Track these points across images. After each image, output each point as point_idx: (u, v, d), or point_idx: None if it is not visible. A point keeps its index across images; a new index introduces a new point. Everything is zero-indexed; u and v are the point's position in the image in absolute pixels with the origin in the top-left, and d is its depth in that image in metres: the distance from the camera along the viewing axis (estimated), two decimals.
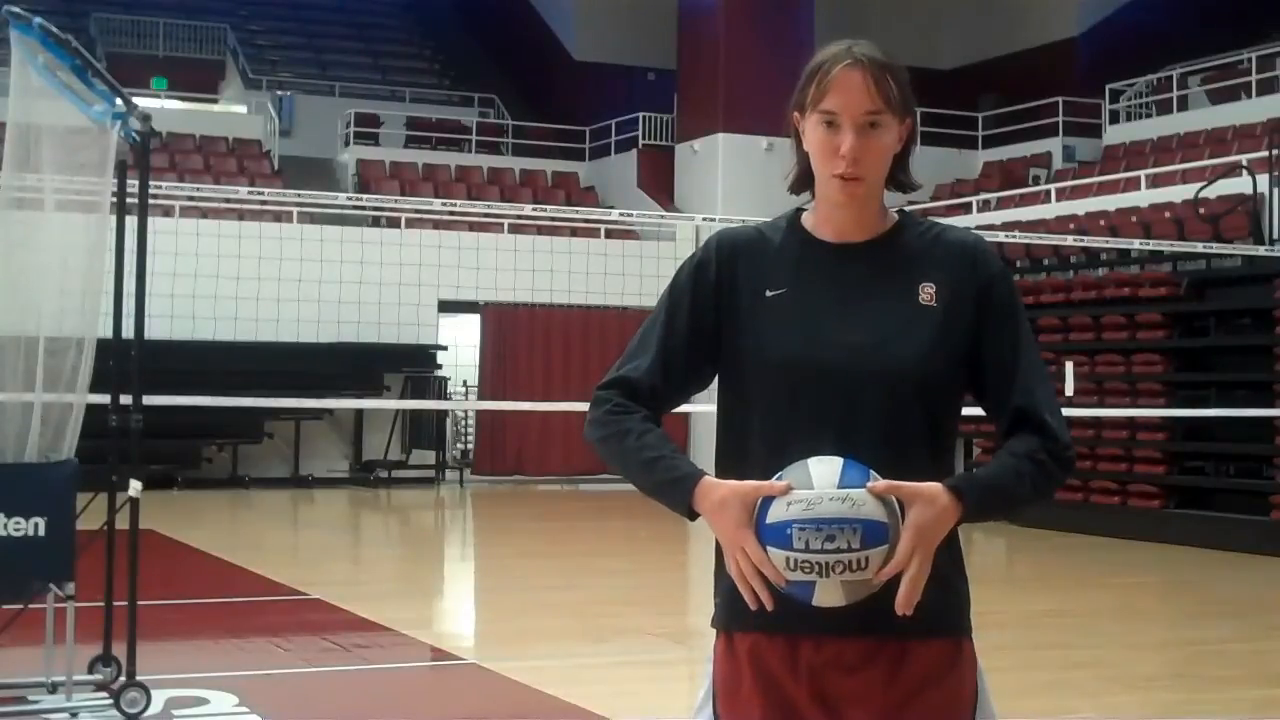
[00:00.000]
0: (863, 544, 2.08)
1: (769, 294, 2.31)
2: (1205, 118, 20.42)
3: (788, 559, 2.11)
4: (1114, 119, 22.07)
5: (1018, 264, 16.37)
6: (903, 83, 2.30)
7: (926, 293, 2.29)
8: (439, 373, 19.56)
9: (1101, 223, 16.13)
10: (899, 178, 2.37)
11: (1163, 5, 24.60)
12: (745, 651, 2.31)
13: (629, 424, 2.33)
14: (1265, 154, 15.15)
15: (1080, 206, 17.63)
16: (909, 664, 2.25)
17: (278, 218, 18.99)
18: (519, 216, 18.95)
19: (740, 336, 2.31)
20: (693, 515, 2.28)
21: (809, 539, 2.08)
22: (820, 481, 2.11)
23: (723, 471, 2.32)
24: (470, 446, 21.06)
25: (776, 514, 2.12)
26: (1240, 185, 14.99)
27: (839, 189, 2.27)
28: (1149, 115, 22.00)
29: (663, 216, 19.38)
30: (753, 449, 2.31)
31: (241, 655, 7.48)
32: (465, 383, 21.15)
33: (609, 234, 20.64)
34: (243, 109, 25.45)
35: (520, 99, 27.87)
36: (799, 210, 2.40)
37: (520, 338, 20.19)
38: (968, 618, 2.34)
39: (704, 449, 20.76)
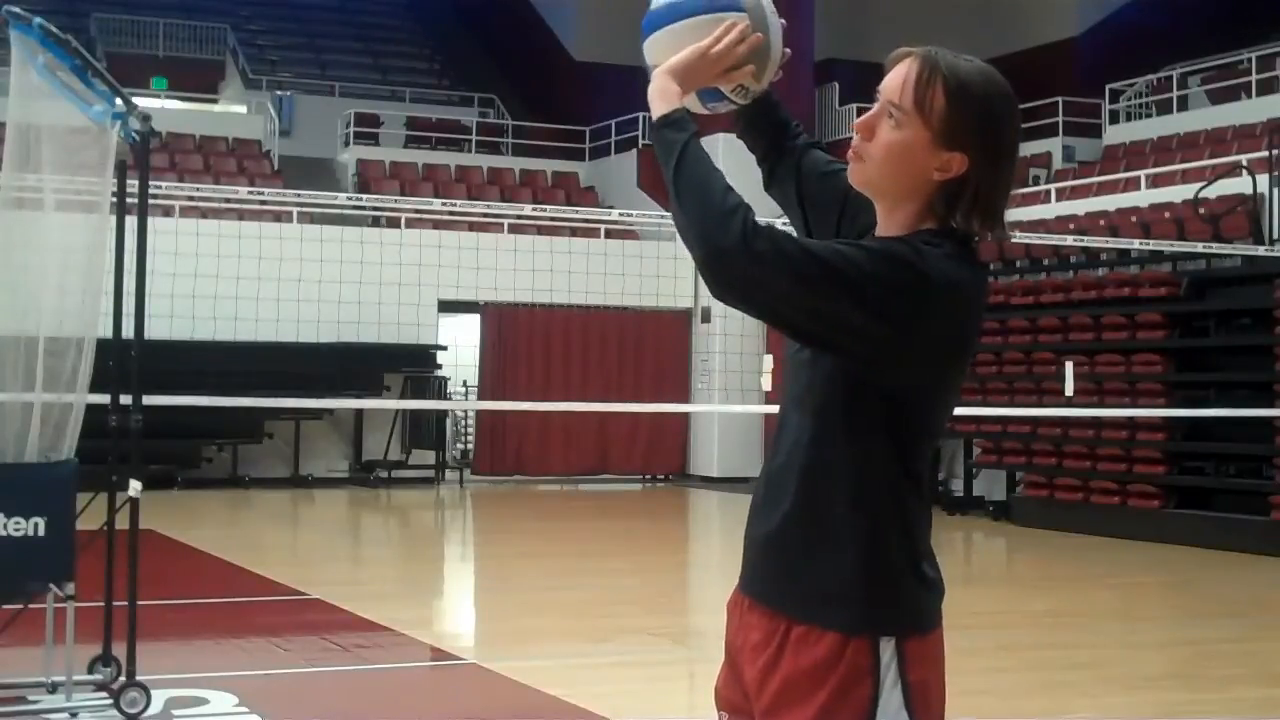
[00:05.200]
0: None
1: None
2: (1205, 118, 20.41)
3: None
4: (1114, 119, 22.06)
5: (1017, 264, 16.38)
6: (963, 110, 2.15)
7: None
8: (439, 373, 19.56)
9: (1101, 223, 16.12)
10: (951, 214, 2.20)
11: (1163, 5, 24.59)
12: (939, 648, 2.23)
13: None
14: (1265, 154, 15.15)
15: (1080, 206, 17.63)
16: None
17: (278, 218, 18.99)
18: (519, 216, 18.94)
19: None
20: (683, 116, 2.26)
21: None
22: None
23: None
24: (470, 446, 21.06)
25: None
26: (1240, 185, 14.99)
27: (848, 159, 2.26)
28: (1149, 115, 21.99)
29: (663, 216, 19.27)
30: None
31: (241, 655, 7.48)
32: (465, 383, 21.15)
33: (609, 234, 20.64)
34: (243, 109, 25.44)
35: (520, 99, 27.87)
36: None
37: (520, 338, 20.19)
38: (867, 614, 2.17)
39: (704, 448, 20.79)
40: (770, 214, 2.52)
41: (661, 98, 2.27)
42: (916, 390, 2.20)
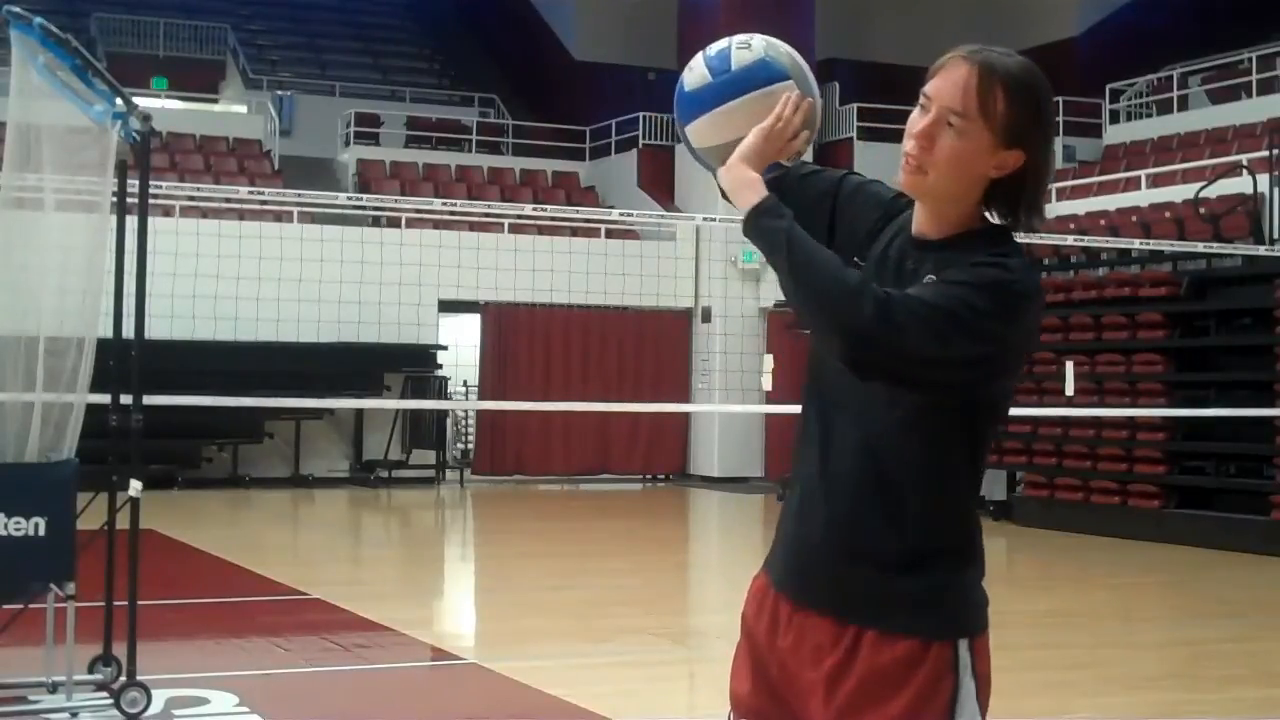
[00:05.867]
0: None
1: (856, 260, 2.30)
2: (1205, 118, 20.40)
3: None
4: (1114, 119, 22.06)
5: None
6: (1021, 107, 2.18)
7: (926, 280, 2.21)
8: (439, 373, 19.56)
9: (1102, 222, 16.13)
10: (1004, 209, 2.23)
11: (1163, 5, 24.59)
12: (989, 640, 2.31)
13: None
14: (1265, 154, 15.15)
15: (1080, 206, 17.63)
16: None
17: (278, 218, 18.99)
18: (519, 216, 18.95)
19: None
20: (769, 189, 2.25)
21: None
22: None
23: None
24: (470, 446, 21.06)
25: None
26: (1240, 185, 14.99)
27: (902, 170, 2.22)
28: (1149, 115, 21.99)
29: (663, 216, 19.39)
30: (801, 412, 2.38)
31: (241, 655, 7.48)
32: (465, 383, 21.16)
33: (609, 234, 20.64)
34: (243, 109, 25.43)
35: (520, 99, 27.86)
36: None
37: (520, 338, 20.19)
38: (944, 617, 2.24)
39: (704, 448, 20.79)
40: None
41: (749, 188, 2.21)
42: (992, 397, 2.26)
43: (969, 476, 2.27)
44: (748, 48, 2.29)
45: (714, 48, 2.31)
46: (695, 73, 2.30)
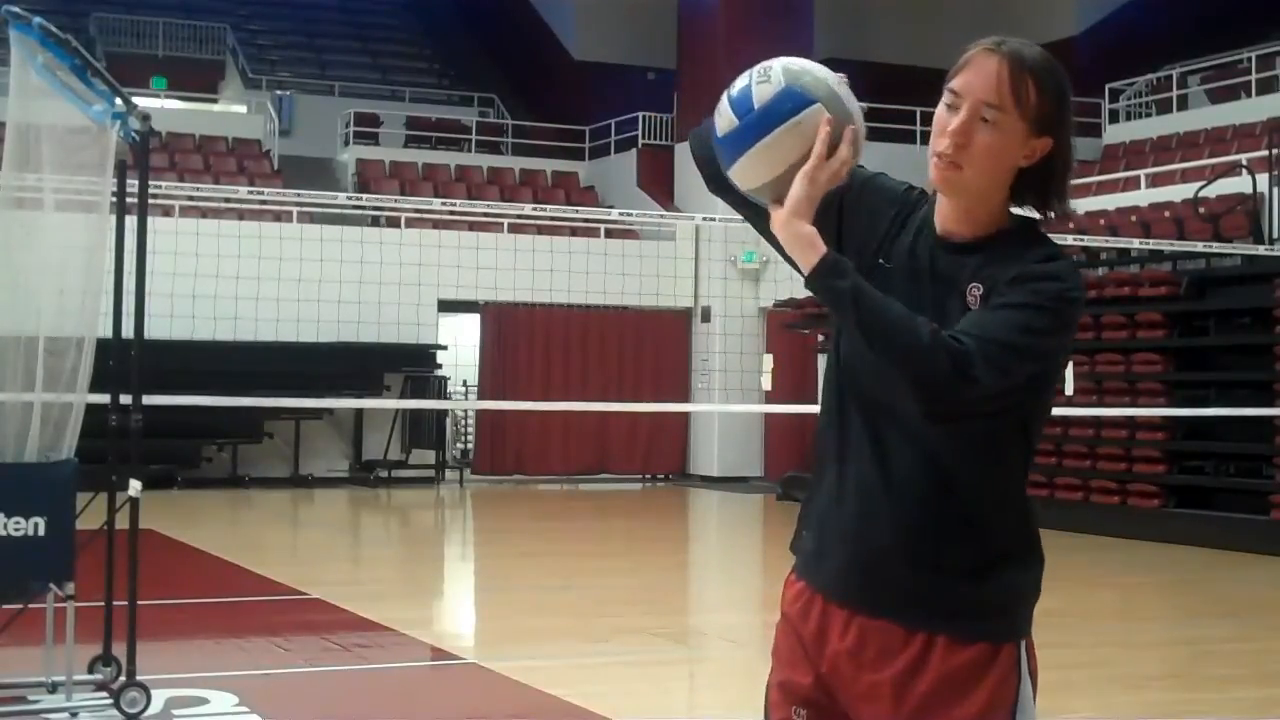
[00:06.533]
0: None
1: (882, 261, 2.28)
2: (1205, 117, 20.41)
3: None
4: (1114, 118, 22.07)
5: None
6: (1050, 95, 2.18)
7: (973, 295, 2.20)
8: (439, 372, 19.56)
9: (1101, 222, 16.12)
10: (1037, 199, 2.24)
11: (1163, 5, 24.59)
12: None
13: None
14: (1265, 153, 15.15)
15: (1080, 206, 17.62)
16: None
17: (278, 218, 18.99)
18: (519, 216, 18.94)
19: None
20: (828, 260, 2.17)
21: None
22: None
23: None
24: (470, 446, 21.06)
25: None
26: (1240, 185, 14.99)
27: (934, 168, 2.20)
28: (1149, 115, 22.00)
29: (662, 216, 19.38)
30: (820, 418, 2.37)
31: (241, 655, 7.48)
32: (465, 383, 21.16)
33: (609, 234, 20.64)
34: (242, 109, 25.44)
35: (520, 99, 27.87)
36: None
37: (520, 338, 20.19)
38: (1011, 620, 2.27)
39: (704, 448, 20.78)
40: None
41: (807, 245, 2.15)
42: (1044, 400, 2.29)
43: (1023, 481, 2.30)
44: (767, 80, 2.21)
45: (736, 86, 2.24)
46: (723, 117, 2.24)
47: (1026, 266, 2.17)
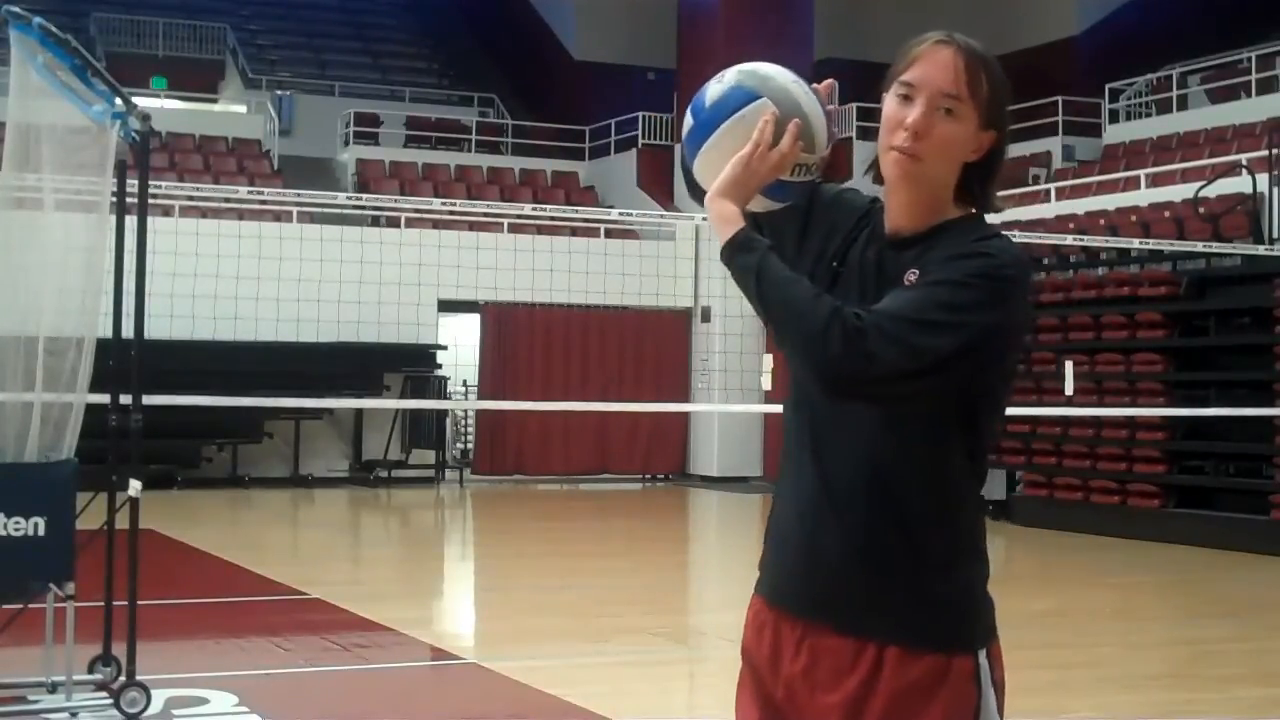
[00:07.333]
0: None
1: (836, 264, 2.28)
2: (1205, 117, 20.40)
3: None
4: (1113, 118, 22.05)
5: None
6: (997, 89, 2.19)
7: (908, 281, 2.17)
8: (439, 372, 19.56)
9: (1101, 222, 16.12)
10: (974, 191, 2.23)
11: (1163, 4, 24.58)
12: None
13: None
14: (1265, 153, 15.15)
15: (1080, 206, 17.62)
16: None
17: (278, 217, 18.98)
18: (519, 216, 18.94)
19: None
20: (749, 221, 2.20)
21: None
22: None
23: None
24: (470, 446, 21.06)
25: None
26: (1240, 185, 14.99)
27: (893, 163, 2.18)
28: (1149, 115, 21.98)
29: (662, 216, 19.37)
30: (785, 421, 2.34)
31: (241, 655, 7.48)
32: (465, 383, 21.16)
33: (609, 234, 20.65)
34: (242, 109, 25.44)
35: (520, 99, 27.87)
36: None
37: (520, 337, 20.19)
38: (960, 628, 2.23)
39: (704, 448, 20.79)
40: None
41: (723, 222, 2.17)
42: (988, 387, 2.21)
43: (972, 476, 2.24)
44: (720, 80, 2.26)
45: (700, 90, 2.29)
46: (686, 119, 2.30)
47: (960, 247, 2.15)
